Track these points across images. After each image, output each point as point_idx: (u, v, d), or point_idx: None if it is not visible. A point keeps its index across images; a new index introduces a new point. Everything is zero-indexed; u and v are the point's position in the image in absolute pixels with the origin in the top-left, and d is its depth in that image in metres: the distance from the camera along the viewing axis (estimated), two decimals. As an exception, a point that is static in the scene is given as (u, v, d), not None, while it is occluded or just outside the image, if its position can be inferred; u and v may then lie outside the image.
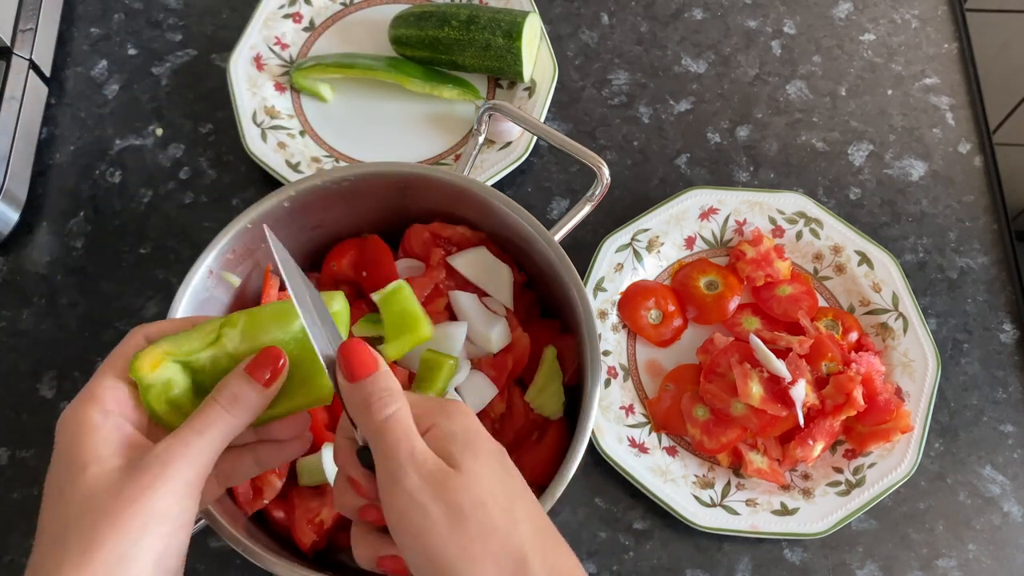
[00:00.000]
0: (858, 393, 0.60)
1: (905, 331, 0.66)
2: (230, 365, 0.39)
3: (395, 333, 0.53)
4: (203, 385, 0.40)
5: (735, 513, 0.61)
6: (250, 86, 0.74)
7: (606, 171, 0.58)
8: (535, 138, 0.71)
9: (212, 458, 0.37)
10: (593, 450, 0.63)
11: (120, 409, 0.37)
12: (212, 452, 0.37)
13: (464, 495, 0.34)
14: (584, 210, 0.59)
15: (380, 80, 0.76)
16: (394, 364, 0.56)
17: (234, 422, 0.37)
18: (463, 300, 0.57)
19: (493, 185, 0.70)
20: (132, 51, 0.79)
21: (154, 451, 0.35)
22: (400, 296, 0.54)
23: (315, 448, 0.52)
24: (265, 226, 0.41)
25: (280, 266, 0.39)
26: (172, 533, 0.35)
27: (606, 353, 0.66)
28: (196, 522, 0.49)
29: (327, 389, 0.40)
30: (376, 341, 0.56)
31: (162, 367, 0.38)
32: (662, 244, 0.69)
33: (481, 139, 0.63)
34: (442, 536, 0.34)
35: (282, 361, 0.39)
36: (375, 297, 0.55)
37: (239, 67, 0.74)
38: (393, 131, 0.75)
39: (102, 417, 0.36)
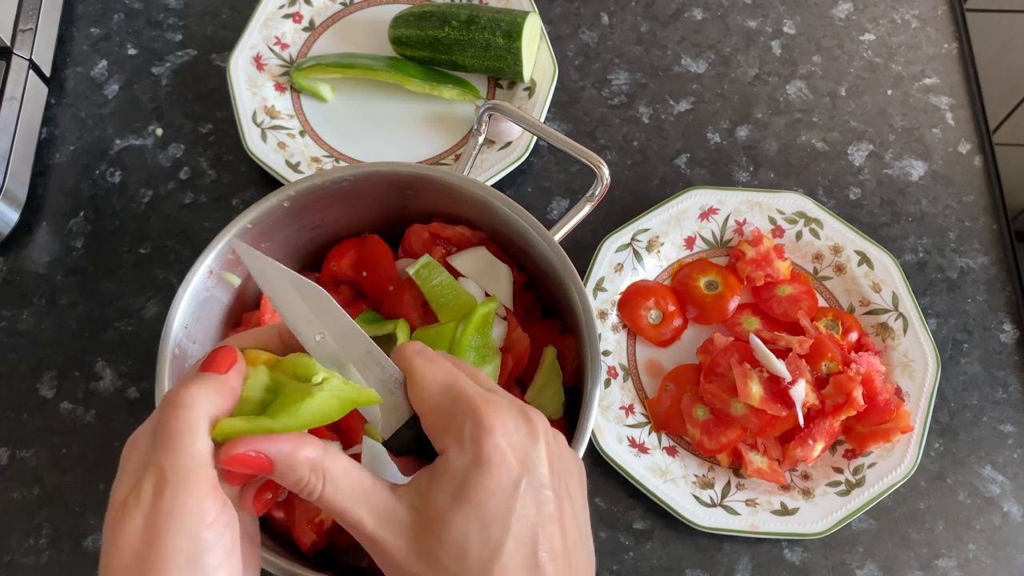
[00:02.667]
0: (858, 393, 0.60)
1: (905, 331, 0.66)
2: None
3: (441, 304, 0.54)
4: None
5: (735, 513, 0.61)
6: (250, 86, 0.74)
7: (606, 171, 0.58)
8: (535, 138, 0.71)
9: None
10: (593, 450, 0.63)
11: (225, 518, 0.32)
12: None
13: (420, 562, 0.33)
14: (584, 210, 0.59)
15: (380, 80, 0.76)
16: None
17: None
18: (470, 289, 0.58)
19: (493, 185, 0.70)
20: (132, 51, 0.79)
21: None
22: (434, 268, 0.55)
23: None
24: (237, 241, 0.38)
25: (261, 280, 0.36)
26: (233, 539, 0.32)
27: (606, 353, 0.66)
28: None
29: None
30: (379, 340, 0.56)
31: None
32: (662, 244, 0.69)
33: (481, 139, 0.63)
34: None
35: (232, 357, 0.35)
36: (410, 271, 0.55)
37: (239, 67, 0.74)
38: (393, 131, 0.75)
39: (226, 515, 0.32)
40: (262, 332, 0.38)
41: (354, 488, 0.33)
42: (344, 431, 0.54)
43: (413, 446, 0.36)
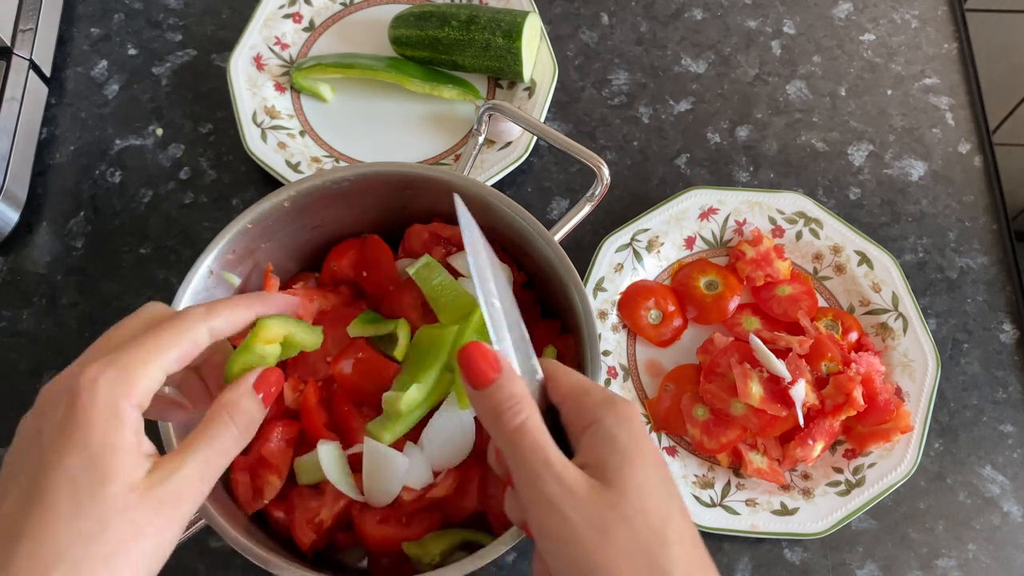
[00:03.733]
0: (858, 393, 0.60)
1: (905, 331, 0.66)
2: None
3: (441, 304, 0.55)
4: None
5: (735, 513, 0.61)
6: (250, 86, 0.74)
7: (606, 171, 0.58)
8: (535, 138, 0.71)
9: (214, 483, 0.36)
10: (593, 450, 0.63)
11: (146, 400, 0.35)
12: (217, 477, 0.36)
13: (609, 511, 0.33)
14: (584, 210, 0.59)
15: (380, 80, 0.76)
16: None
17: (240, 447, 0.37)
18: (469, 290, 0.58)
19: (493, 185, 0.70)
20: (132, 51, 0.79)
21: (172, 483, 0.34)
22: (434, 268, 0.55)
23: (311, 446, 0.52)
24: (457, 198, 0.40)
25: (467, 244, 0.38)
26: (164, 557, 0.34)
27: (606, 353, 0.66)
28: (196, 522, 0.50)
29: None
30: (379, 340, 0.56)
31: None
32: (662, 244, 0.69)
33: (481, 139, 0.63)
34: (586, 547, 0.32)
35: (280, 378, 0.39)
36: (410, 271, 0.56)
37: (239, 67, 0.74)
38: (393, 131, 0.75)
39: (133, 413, 0.34)
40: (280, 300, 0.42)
41: (547, 433, 0.34)
42: (344, 431, 0.54)
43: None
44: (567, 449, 0.36)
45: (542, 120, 0.73)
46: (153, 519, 0.33)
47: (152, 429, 0.38)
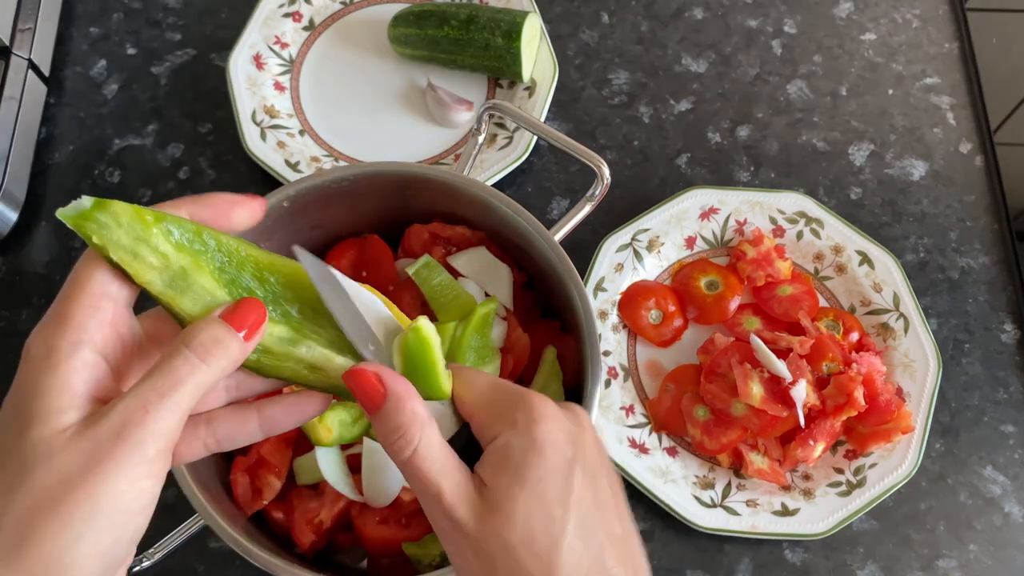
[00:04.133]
0: (859, 393, 0.60)
1: (906, 331, 0.65)
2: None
3: (441, 304, 0.55)
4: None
5: (736, 514, 0.61)
6: (250, 85, 0.74)
7: (606, 171, 0.58)
8: (535, 138, 0.71)
9: (179, 426, 0.29)
10: (593, 450, 0.63)
11: (97, 337, 0.30)
12: (179, 418, 0.29)
13: (493, 540, 0.31)
14: (584, 210, 0.59)
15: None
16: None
17: (206, 376, 0.30)
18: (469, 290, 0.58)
19: (493, 185, 0.70)
20: (131, 51, 0.79)
21: (109, 418, 0.28)
22: (433, 268, 0.55)
23: (311, 447, 0.52)
24: (295, 248, 0.36)
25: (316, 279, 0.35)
26: (123, 524, 0.28)
27: (606, 353, 0.66)
28: (196, 522, 0.50)
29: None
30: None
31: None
32: (662, 244, 0.69)
33: (481, 139, 0.63)
34: None
35: (261, 316, 0.32)
36: (410, 271, 0.56)
37: (239, 66, 0.74)
38: (393, 131, 0.75)
39: (69, 351, 0.29)
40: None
41: (444, 459, 0.33)
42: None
43: (462, 457, 0.36)
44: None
45: (542, 120, 0.73)
46: (89, 462, 0.27)
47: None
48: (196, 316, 0.32)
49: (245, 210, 0.36)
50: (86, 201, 0.32)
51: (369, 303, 0.36)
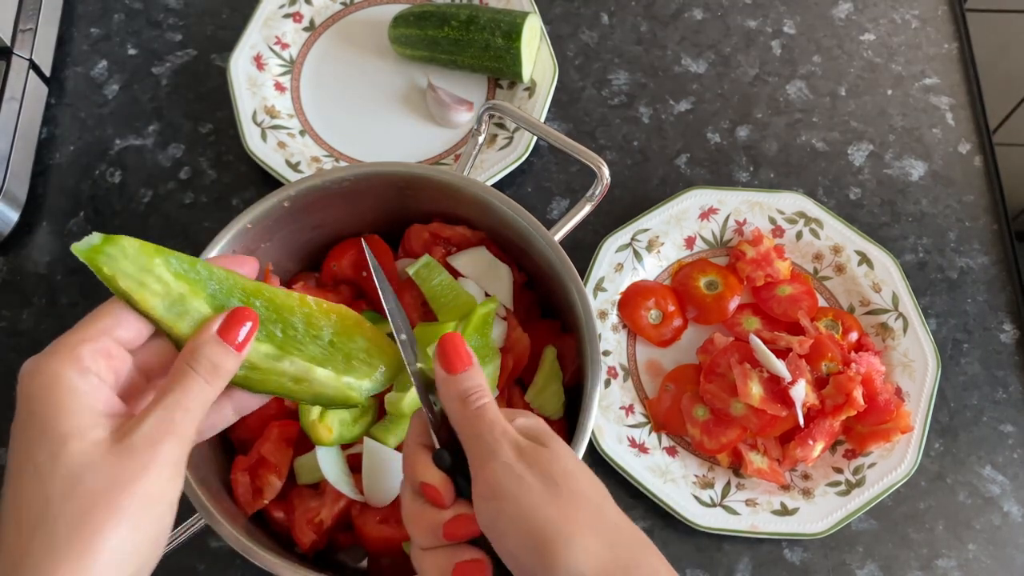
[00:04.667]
0: (858, 393, 0.60)
1: (905, 331, 0.66)
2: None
3: (441, 304, 0.55)
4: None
5: (735, 513, 0.61)
6: (250, 86, 0.74)
7: (606, 171, 0.58)
8: (535, 138, 0.71)
9: (194, 432, 0.35)
10: (593, 450, 0.63)
11: (99, 368, 0.34)
12: (195, 427, 0.35)
13: (555, 465, 0.36)
14: (584, 210, 0.59)
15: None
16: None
17: (213, 393, 0.36)
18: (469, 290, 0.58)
19: (493, 185, 0.70)
20: (132, 51, 0.79)
21: (142, 430, 0.33)
22: (434, 268, 0.56)
23: (311, 446, 0.52)
24: (362, 239, 0.44)
25: (377, 282, 0.42)
26: (163, 516, 0.34)
27: (606, 353, 0.66)
28: (196, 522, 0.50)
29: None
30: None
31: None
32: (662, 244, 0.69)
33: (481, 139, 0.63)
34: (540, 499, 0.34)
35: (251, 323, 0.38)
36: (410, 271, 0.56)
37: (239, 67, 0.74)
38: (393, 131, 0.76)
39: (80, 378, 0.33)
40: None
41: (501, 417, 0.38)
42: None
43: (452, 470, 0.38)
44: (467, 485, 0.38)
45: (542, 120, 0.73)
46: (128, 465, 0.32)
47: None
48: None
49: (246, 269, 0.42)
50: (96, 237, 0.36)
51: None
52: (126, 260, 0.36)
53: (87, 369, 0.34)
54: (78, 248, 0.36)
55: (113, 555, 0.31)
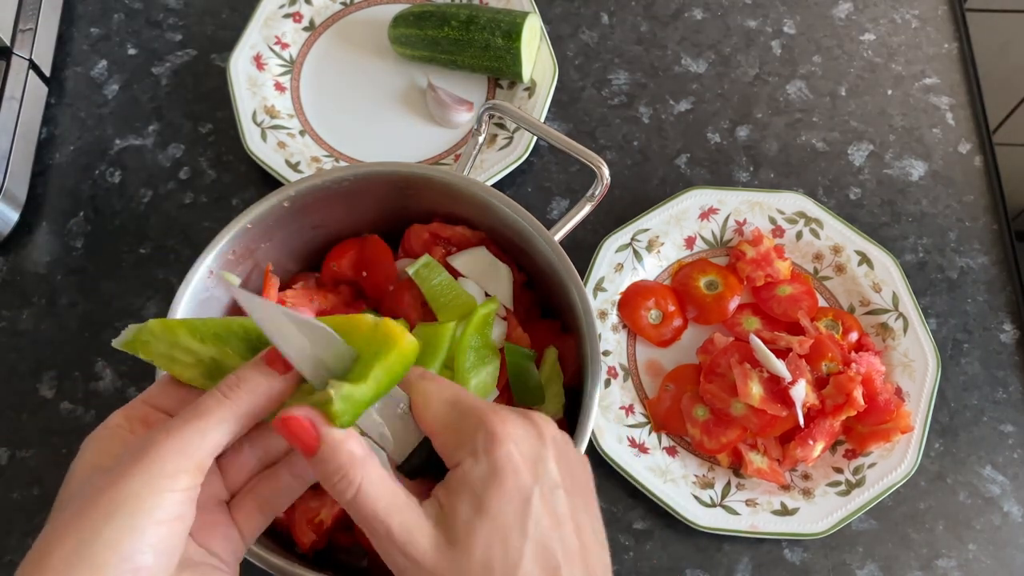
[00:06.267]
0: (858, 393, 0.60)
1: (905, 331, 0.66)
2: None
3: (441, 304, 0.55)
4: None
5: (735, 513, 0.61)
6: (250, 86, 0.74)
7: (606, 171, 0.58)
8: (535, 138, 0.71)
9: (206, 450, 0.32)
10: (593, 450, 0.63)
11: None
12: (205, 444, 0.32)
13: (451, 573, 0.32)
14: (584, 210, 0.59)
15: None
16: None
17: (234, 411, 0.33)
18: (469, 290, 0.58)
19: (493, 185, 0.70)
20: (132, 51, 0.79)
21: (134, 441, 0.33)
22: (433, 268, 0.55)
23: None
24: (230, 284, 0.38)
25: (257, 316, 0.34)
26: (167, 523, 0.31)
27: (606, 353, 0.66)
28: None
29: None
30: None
31: None
32: (662, 244, 0.69)
33: (481, 139, 0.63)
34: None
35: (288, 365, 0.34)
36: (410, 271, 0.55)
37: (239, 67, 0.74)
38: (393, 131, 0.76)
39: (126, 426, 0.34)
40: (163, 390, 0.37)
41: (388, 498, 0.33)
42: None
43: (424, 469, 0.37)
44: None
45: (542, 120, 0.73)
46: (110, 482, 0.30)
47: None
48: None
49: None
50: (130, 328, 0.37)
51: (313, 331, 0.35)
52: (157, 341, 0.36)
53: (115, 429, 0.35)
54: (118, 343, 0.37)
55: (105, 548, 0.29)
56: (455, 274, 0.58)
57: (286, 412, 0.33)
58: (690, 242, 0.70)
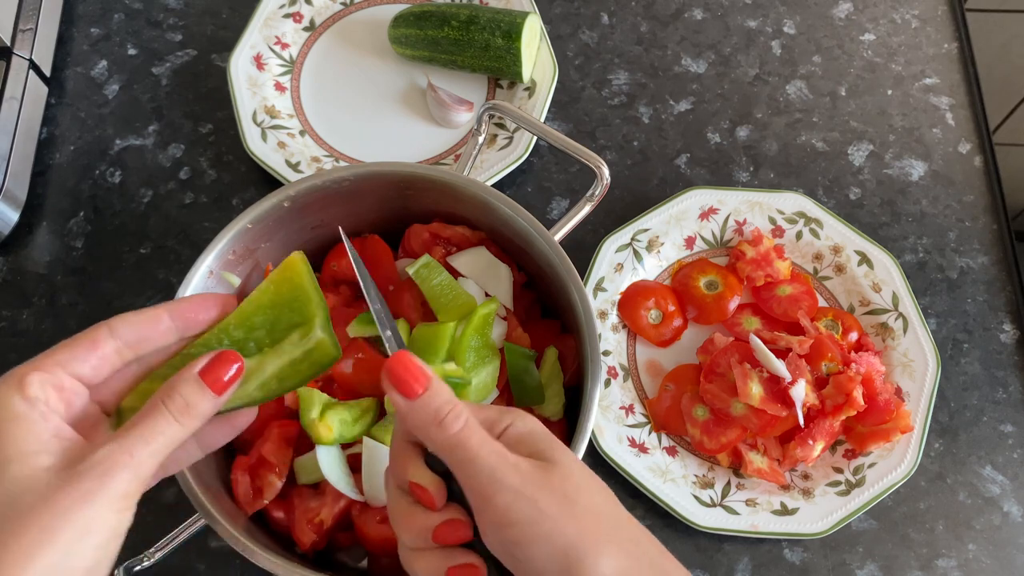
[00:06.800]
0: (858, 393, 0.60)
1: (905, 331, 0.66)
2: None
3: (441, 304, 0.55)
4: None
5: (735, 513, 0.61)
6: (250, 86, 0.74)
7: (606, 171, 0.58)
8: (535, 138, 0.71)
9: (154, 468, 0.34)
10: (593, 450, 0.63)
11: (47, 397, 0.34)
12: (155, 461, 0.34)
13: (566, 482, 0.34)
14: (584, 210, 0.59)
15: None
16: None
17: (182, 432, 0.35)
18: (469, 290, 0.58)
19: (493, 185, 0.70)
20: (132, 51, 0.79)
21: (94, 457, 0.32)
22: (434, 268, 0.55)
23: (311, 446, 0.52)
24: (343, 233, 0.42)
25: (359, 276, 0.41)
26: (105, 544, 0.32)
27: (606, 353, 0.66)
28: (196, 522, 0.50)
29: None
30: (377, 342, 0.56)
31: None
32: (662, 244, 0.69)
33: (481, 139, 0.63)
34: (559, 521, 0.33)
35: (237, 366, 0.37)
36: (410, 271, 0.56)
37: (239, 67, 0.74)
38: (393, 131, 0.76)
39: (25, 406, 0.33)
40: (148, 313, 0.39)
41: (488, 438, 0.35)
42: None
43: (448, 475, 0.37)
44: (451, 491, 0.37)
45: (542, 120, 0.73)
46: (70, 492, 0.31)
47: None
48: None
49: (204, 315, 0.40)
50: None
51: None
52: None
53: (34, 398, 0.34)
54: None
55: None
56: (455, 274, 0.58)
57: (397, 353, 0.36)
58: (690, 242, 0.70)
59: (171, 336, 0.39)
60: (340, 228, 0.45)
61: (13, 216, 0.70)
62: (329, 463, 0.52)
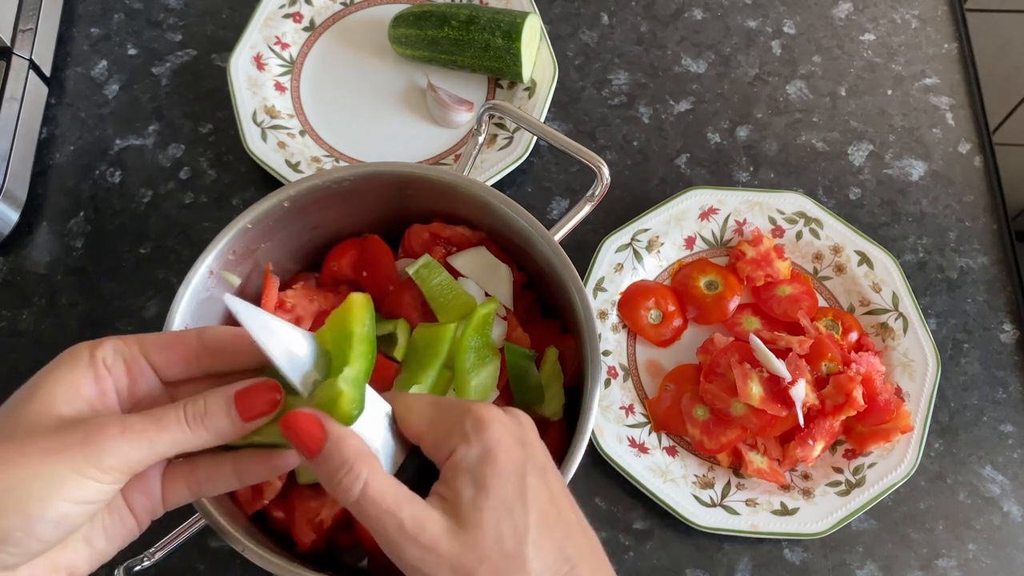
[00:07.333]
0: (858, 393, 0.60)
1: (905, 331, 0.66)
2: None
3: (441, 304, 0.54)
4: None
5: (735, 513, 0.61)
6: (250, 86, 0.74)
7: (606, 171, 0.58)
8: (535, 138, 0.71)
9: (147, 461, 0.33)
10: (593, 450, 0.63)
11: (113, 364, 0.34)
12: (149, 455, 0.33)
13: (470, 554, 0.32)
14: (584, 210, 0.59)
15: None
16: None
17: (190, 440, 0.34)
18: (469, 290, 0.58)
19: (493, 185, 0.70)
20: (132, 51, 0.79)
21: (87, 422, 0.32)
22: (434, 268, 0.55)
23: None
24: (226, 296, 0.36)
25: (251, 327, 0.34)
26: (63, 506, 0.31)
27: (606, 353, 0.66)
28: (196, 522, 0.50)
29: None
30: (379, 340, 0.56)
31: None
32: (662, 244, 0.69)
33: (481, 139, 0.63)
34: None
35: (272, 399, 0.35)
36: (410, 271, 0.55)
37: (239, 67, 0.74)
38: (393, 131, 0.76)
39: (87, 360, 0.34)
40: (177, 336, 0.37)
41: (395, 490, 0.33)
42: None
43: (413, 484, 0.36)
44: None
45: (542, 120, 0.73)
46: (56, 445, 0.31)
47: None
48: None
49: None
50: None
51: (298, 341, 0.36)
52: None
53: (99, 358, 0.34)
54: None
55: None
56: (455, 274, 0.58)
57: (291, 415, 0.33)
58: (690, 242, 0.70)
59: (254, 360, 0.37)
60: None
61: (13, 216, 0.70)
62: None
